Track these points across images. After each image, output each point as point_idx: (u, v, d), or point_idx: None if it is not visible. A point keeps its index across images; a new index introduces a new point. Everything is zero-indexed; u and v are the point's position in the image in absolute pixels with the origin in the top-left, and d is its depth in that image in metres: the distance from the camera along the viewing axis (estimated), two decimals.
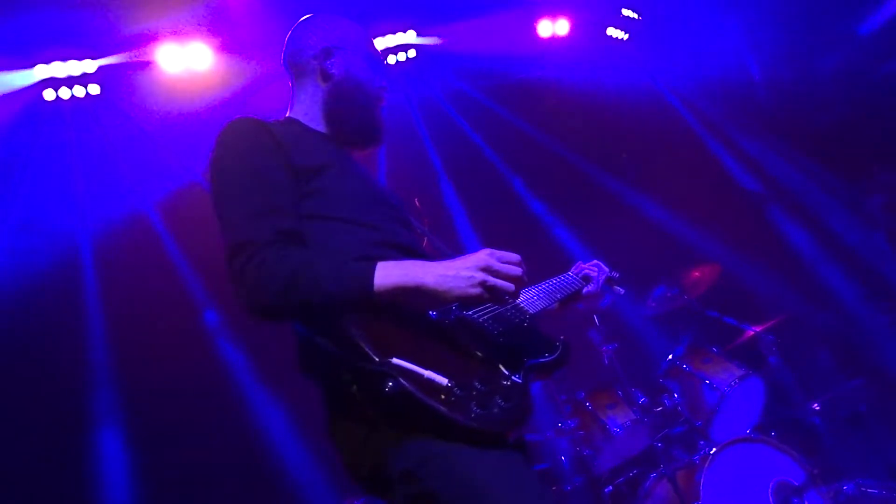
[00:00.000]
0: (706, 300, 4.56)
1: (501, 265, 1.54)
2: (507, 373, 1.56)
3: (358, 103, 1.88)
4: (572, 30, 5.74)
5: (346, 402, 1.48)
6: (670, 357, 4.16)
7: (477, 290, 1.50)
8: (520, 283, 1.57)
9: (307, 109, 1.89)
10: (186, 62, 4.62)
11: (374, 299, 1.47)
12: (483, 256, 1.55)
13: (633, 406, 3.92)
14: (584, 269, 2.31)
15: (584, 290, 2.25)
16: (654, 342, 4.83)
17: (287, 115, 1.93)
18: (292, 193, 1.63)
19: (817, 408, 4.36)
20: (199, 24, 4.51)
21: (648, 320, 5.12)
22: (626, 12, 5.83)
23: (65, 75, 4.47)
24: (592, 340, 4.10)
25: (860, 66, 6.35)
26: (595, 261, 2.35)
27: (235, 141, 1.68)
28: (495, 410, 1.44)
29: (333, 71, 1.87)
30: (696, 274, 4.60)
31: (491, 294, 1.53)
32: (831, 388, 4.71)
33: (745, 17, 5.69)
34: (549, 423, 4.06)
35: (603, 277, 2.31)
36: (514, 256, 1.59)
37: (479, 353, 1.57)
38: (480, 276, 1.51)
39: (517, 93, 6.08)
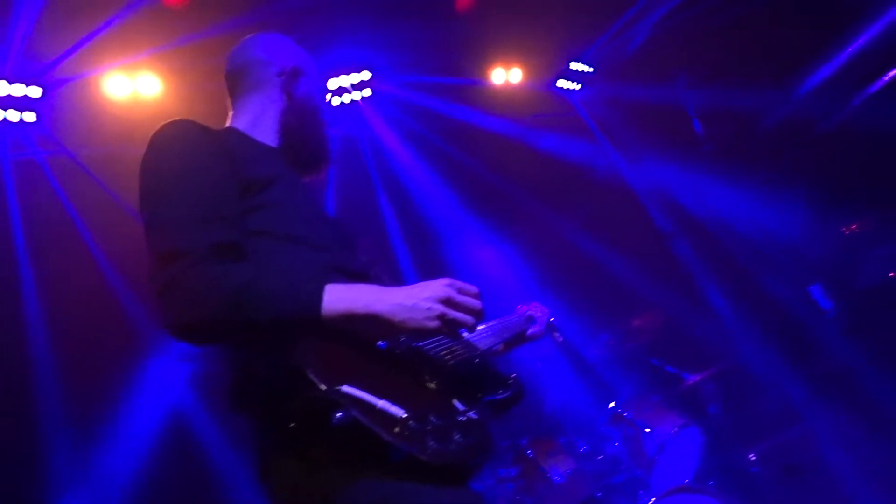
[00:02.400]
0: (649, 347, 4.61)
1: (462, 297, 1.46)
2: (462, 408, 1.48)
3: (314, 125, 1.88)
4: (525, 78, 5.85)
5: (287, 436, 1.35)
6: (612, 405, 4.16)
7: (435, 324, 1.41)
8: (479, 316, 1.48)
9: (257, 121, 1.81)
10: (134, 89, 4.53)
11: (320, 324, 1.35)
12: (443, 287, 1.45)
13: (574, 454, 3.89)
14: (527, 310, 2.29)
15: (529, 330, 2.24)
16: (596, 389, 4.83)
17: (228, 125, 1.85)
18: (236, 204, 1.51)
19: (753, 458, 4.41)
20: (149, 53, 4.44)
21: (592, 367, 5.14)
22: (575, 66, 5.98)
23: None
24: (534, 385, 4.07)
25: (798, 124, 6.69)
26: (535, 302, 2.34)
27: (175, 142, 1.55)
28: (453, 447, 1.35)
29: (298, 91, 1.85)
30: (639, 321, 4.65)
31: (448, 328, 1.44)
32: (769, 437, 4.78)
33: (689, 74, 5.91)
34: (489, 470, 3.99)
35: (546, 319, 2.29)
36: (474, 288, 1.51)
37: (434, 386, 1.47)
38: (440, 308, 1.42)
39: (468, 135, 6.15)
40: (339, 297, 1.37)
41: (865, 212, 6.46)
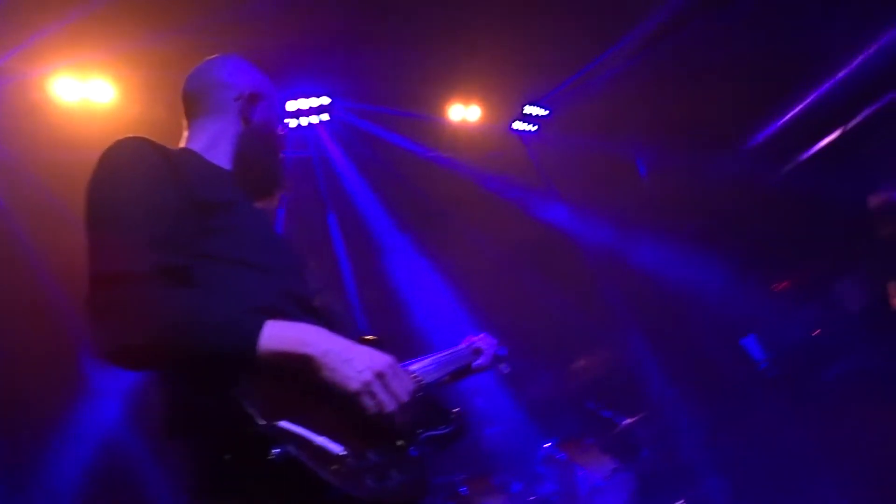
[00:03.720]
0: (587, 390, 4.68)
1: (395, 382, 1.42)
2: (400, 444, 1.48)
3: (270, 151, 1.87)
4: (483, 117, 5.94)
5: (221, 470, 1.30)
6: (548, 445, 4.19)
7: (357, 388, 1.37)
8: (400, 412, 1.42)
9: (213, 144, 1.78)
10: (84, 94, 4.40)
11: (255, 362, 1.31)
12: (385, 362, 1.42)
13: (507, 493, 3.89)
14: (474, 342, 2.28)
15: (475, 363, 2.22)
16: (534, 427, 4.86)
17: (183, 145, 1.82)
18: (188, 227, 1.47)
19: (682, 503, 4.50)
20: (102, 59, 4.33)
21: (530, 405, 5.18)
22: (530, 109, 6.12)
23: None
24: (473, 422, 4.07)
25: (741, 181, 6.99)
26: (484, 334, 2.34)
27: (127, 161, 1.51)
28: (390, 485, 1.33)
29: (256, 116, 1.84)
30: (580, 363, 4.73)
31: (367, 399, 1.38)
32: (699, 484, 4.89)
33: (637, 122, 6.13)
34: None
35: (492, 352, 2.29)
36: (411, 384, 1.48)
37: (374, 422, 1.44)
38: (370, 377, 1.38)
39: (421, 167, 6.20)
40: (279, 335, 1.35)
41: (796, 271, 6.76)
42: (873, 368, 5.66)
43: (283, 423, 1.25)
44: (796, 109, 6.29)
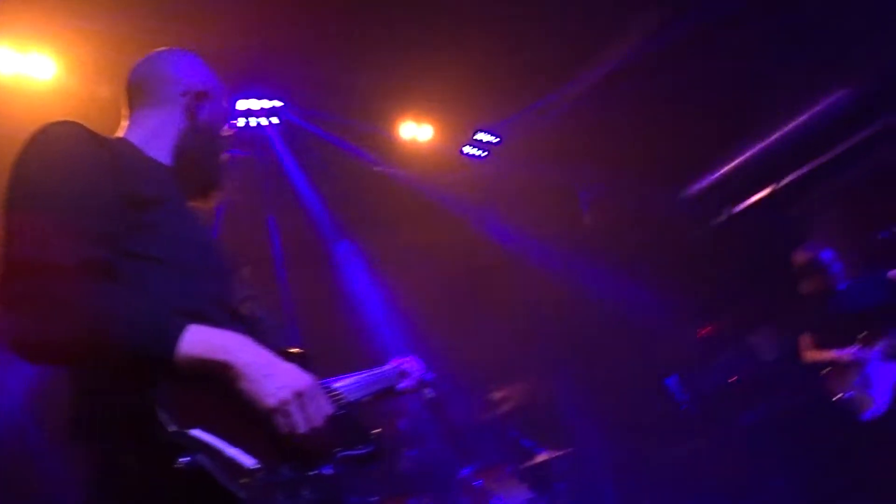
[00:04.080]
0: (510, 418, 4.71)
1: (312, 406, 1.38)
2: (316, 462, 1.45)
3: (212, 151, 1.83)
4: (434, 137, 5.96)
5: (123, 478, 1.26)
6: (465, 471, 4.19)
7: (272, 404, 1.32)
8: (312, 437, 1.37)
9: (152, 137, 1.73)
10: (22, 68, 4.20)
11: (172, 366, 1.27)
12: (306, 382, 1.38)
13: None
14: (401, 364, 2.28)
15: (400, 385, 2.23)
16: (454, 452, 4.84)
17: (121, 135, 1.76)
18: (117, 221, 1.42)
19: None
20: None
21: (453, 429, 5.16)
22: (481, 135, 6.19)
23: None
24: (393, 443, 4.04)
25: (677, 227, 7.25)
26: (412, 357, 2.34)
27: (59, 144, 1.44)
28: (301, 502, 1.31)
29: (201, 115, 1.80)
30: (506, 392, 4.77)
31: (279, 416, 1.33)
32: None
33: (584, 157, 6.29)
34: None
35: (419, 375, 2.29)
36: (329, 409, 1.44)
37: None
38: (288, 395, 1.34)
39: (369, 179, 6.18)
40: (200, 340, 1.30)
41: (720, 317, 7.03)
42: (783, 417, 5.93)
43: (195, 432, 1.21)
44: (734, 162, 6.57)
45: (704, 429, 6.13)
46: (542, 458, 4.62)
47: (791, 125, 5.99)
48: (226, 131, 1.93)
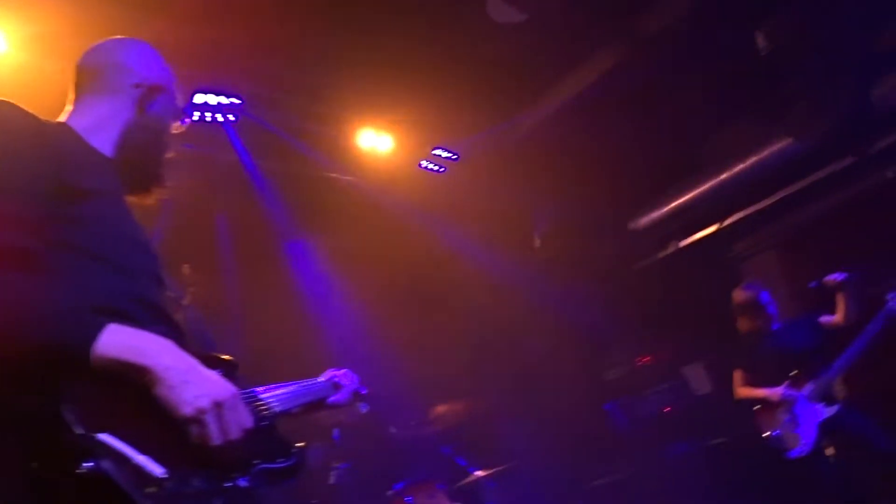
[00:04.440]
0: (446, 436, 4.70)
1: (230, 417, 1.33)
2: (231, 474, 1.40)
3: (158, 147, 1.80)
4: (394, 149, 5.94)
5: (26, 478, 1.18)
6: (397, 486, 4.16)
7: (189, 413, 1.27)
8: (228, 448, 1.33)
9: (98, 126, 1.68)
10: None
11: (88, 364, 1.21)
12: (226, 392, 1.34)
13: None
14: (335, 376, 2.24)
15: (331, 398, 2.18)
16: (387, 467, 4.81)
17: (63, 120, 1.70)
18: (46, 209, 1.36)
19: None
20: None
21: (388, 444, 5.11)
22: (438, 152, 6.21)
23: None
24: (323, 455, 3.98)
25: (623, 257, 7.40)
26: (346, 370, 2.30)
27: None
28: None
29: (152, 109, 1.76)
30: (443, 409, 4.75)
31: (195, 425, 1.29)
32: None
33: (538, 185, 6.37)
34: None
35: (352, 389, 2.26)
36: (250, 422, 1.39)
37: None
38: (206, 404, 1.29)
39: (325, 185, 6.12)
40: (118, 341, 1.25)
41: (661, 346, 7.18)
42: (712, 450, 6.07)
43: (103, 436, 1.15)
44: (683, 199, 6.74)
45: (637, 455, 6.23)
46: (474, 476, 4.61)
47: (738, 168, 6.19)
48: (176, 128, 1.89)
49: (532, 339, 6.63)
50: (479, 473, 4.60)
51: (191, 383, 1.30)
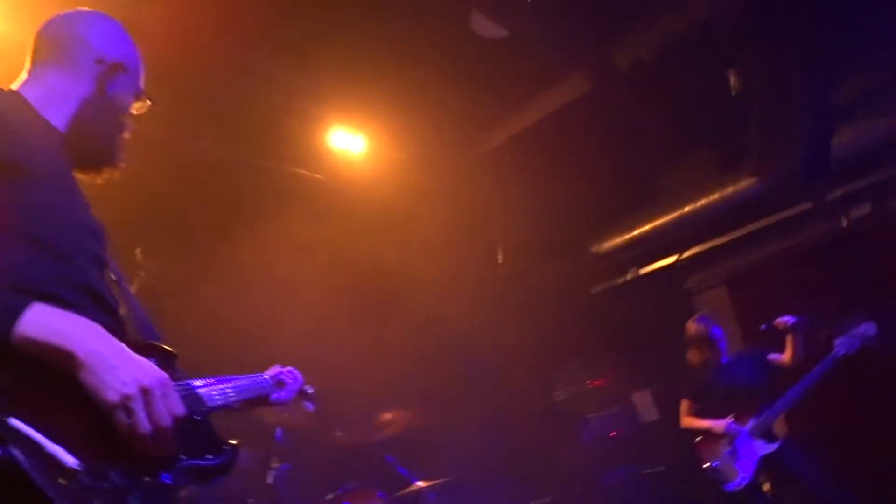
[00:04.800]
0: (391, 444, 4.65)
1: (160, 405, 1.27)
2: (154, 469, 1.33)
3: (114, 127, 1.74)
4: (367, 153, 5.84)
5: None
6: (336, 492, 4.09)
7: (113, 400, 1.21)
8: (156, 439, 1.26)
9: (52, 98, 1.62)
10: None
11: (9, 345, 1.16)
12: (156, 381, 1.27)
13: None
14: (280, 373, 2.19)
15: (274, 395, 2.13)
16: (329, 471, 4.72)
17: (15, 88, 1.63)
18: None
19: None
20: None
21: (332, 448, 5.03)
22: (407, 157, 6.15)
23: None
24: (261, 455, 3.89)
25: (582, 279, 7.47)
26: (292, 368, 2.25)
27: None
28: None
29: (112, 87, 1.71)
30: (390, 416, 4.70)
31: (121, 413, 1.22)
32: None
33: (500, 203, 6.40)
34: None
35: (297, 387, 2.21)
36: (181, 410, 1.33)
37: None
38: (133, 391, 1.23)
39: (290, 183, 6.01)
40: (42, 324, 1.19)
41: (613, 371, 7.24)
42: (654, 477, 6.14)
43: (14, 421, 1.09)
44: (644, 228, 6.84)
45: (578, 478, 6.26)
46: (416, 487, 4.57)
47: (700, 202, 6.31)
48: (136, 108, 1.84)
49: (486, 352, 6.63)
50: (421, 484, 4.55)
51: (117, 368, 1.23)
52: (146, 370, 1.28)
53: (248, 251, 4.86)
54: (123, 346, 1.29)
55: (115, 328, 1.36)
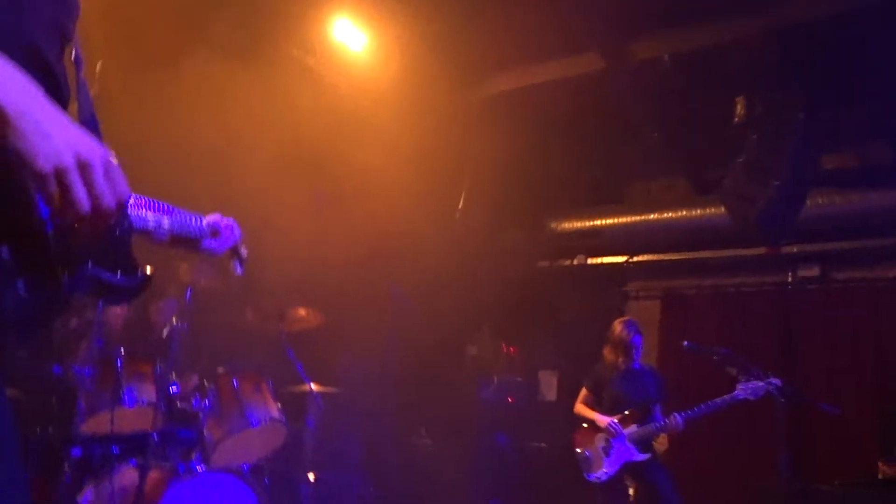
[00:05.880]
0: (297, 338, 4.65)
1: (103, 183, 1.10)
2: (59, 261, 1.19)
3: None
4: (365, 54, 5.66)
5: None
6: (226, 366, 4.09)
7: (44, 170, 1.04)
8: (100, 217, 1.11)
9: None
10: None
11: None
12: (97, 155, 1.09)
13: (160, 387, 3.72)
14: (218, 222, 2.01)
15: (206, 242, 1.97)
16: (226, 345, 4.68)
17: None
18: None
19: (312, 478, 4.63)
20: None
21: (236, 325, 4.97)
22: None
23: None
24: (167, 307, 3.85)
25: (531, 251, 7.52)
26: (232, 221, 2.07)
27: None
28: (9, 302, 1.10)
29: None
30: (303, 312, 4.70)
31: (56, 189, 1.06)
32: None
33: (475, 154, 6.35)
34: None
35: (231, 243, 2.05)
36: (126, 193, 1.15)
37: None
38: (69, 164, 1.06)
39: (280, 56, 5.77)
40: None
41: (530, 345, 7.39)
42: (532, 451, 6.37)
43: None
44: (604, 222, 6.89)
45: (463, 430, 6.42)
46: (307, 387, 4.61)
47: (667, 215, 6.37)
48: None
49: (416, 283, 6.61)
50: (313, 387, 4.59)
51: (53, 137, 1.06)
52: (88, 143, 1.11)
53: (215, 92, 4.57)
54: (63, 113, 1.12)
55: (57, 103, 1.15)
